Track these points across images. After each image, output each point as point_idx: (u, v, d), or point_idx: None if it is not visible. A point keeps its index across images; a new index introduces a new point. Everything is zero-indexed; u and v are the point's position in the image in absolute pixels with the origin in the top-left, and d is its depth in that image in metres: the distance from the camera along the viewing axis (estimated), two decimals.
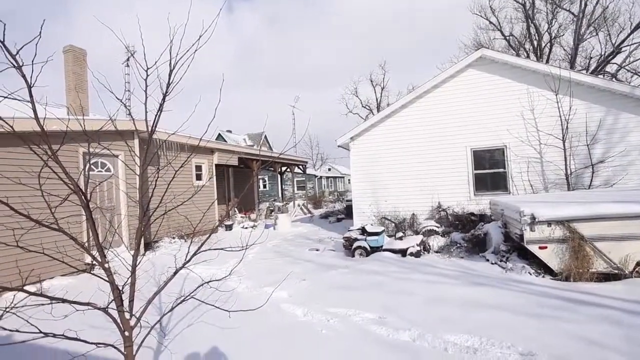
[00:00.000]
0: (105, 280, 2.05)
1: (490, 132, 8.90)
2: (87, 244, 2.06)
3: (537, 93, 8.60)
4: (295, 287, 5.38)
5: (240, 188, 17.05)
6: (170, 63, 2.24)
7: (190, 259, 2.25)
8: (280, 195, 23.12)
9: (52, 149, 1.88)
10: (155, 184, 2.28)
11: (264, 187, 31.89)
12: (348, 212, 14.71)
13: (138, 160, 2.52)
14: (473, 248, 7.06)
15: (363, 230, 7.79)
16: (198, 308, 4.06)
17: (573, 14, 19.93)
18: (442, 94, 9.45)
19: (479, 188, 9.08)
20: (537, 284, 5.01)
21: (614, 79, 18.00)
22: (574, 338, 3.32)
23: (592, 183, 8.09)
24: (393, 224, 9.05)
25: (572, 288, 4.74)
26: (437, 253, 7.37)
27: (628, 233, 4.90)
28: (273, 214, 15.10)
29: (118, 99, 2.43)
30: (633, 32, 17.77)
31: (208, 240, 2.45)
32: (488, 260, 6.30)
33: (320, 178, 39.71)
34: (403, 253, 7.16)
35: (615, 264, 4.98)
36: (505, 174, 8.88)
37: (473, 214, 8.46)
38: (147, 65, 2.24)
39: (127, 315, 2.10)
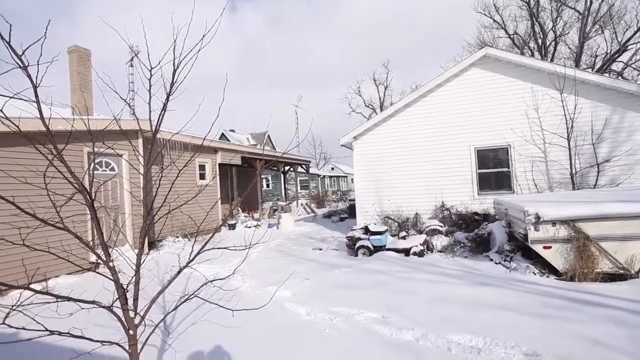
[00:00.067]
0: (110, 279, 2.07)
1: (494, 131, 8.85)
2: (91, 243, 2.08)
3: (541, 92, 8.54)
4: (299, 286, 5.39)
5: (244, 187, 17.09)
6: (174, 63, 2.25)
7: (194, 258, 2.26)
8: (284, 195, 23.15)
9: (57, 149, 1.89)
10: (159, 183, 2.29)
11: (267, 186, 31.95)
12: (351, 211, 14.69)
13: (142, 160, 2.53)
14: (477, 248, 7.03)
15: (366, 230, 7.78)
16: (202, 307, 4.09)
17: (578, 12, 19.75)
18: (445, 93, 9.41)
19: (483, 187, 9.04)
20: (541, 284, 4.98)
21: (620, 78, 17.83)
22: (579, 338, 3.30)
23: (597, 182, 8.03)
24: (396, 224, 9.03)
25: (576, 288, 4.70)
26: (440, 252, 7.35)
27: (634, 233, 4.85)
28: (276, 214, 15.12)
29: (122, 99, 2.45)
30: None
31: (211, 240, 2.45)
32: (492, 260, 6.27)
33: (324, 177, 39.71)
34: (406, 252, 7.14)
35: (621, 264, 4.93)
36: (510, 173, 8.83)
37: (477, 214, 8.42)
38: (151, 65, 2.25)
39: (131, 314, 2.11)
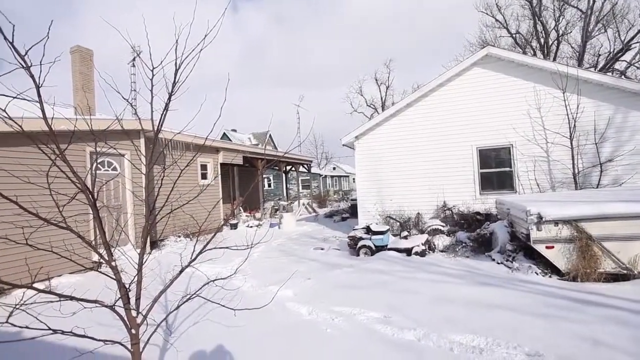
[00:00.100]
0: (112, 278, 2.07)
1: (496, 130, 8.82)
2: (94, 242, 2.08)
3: (544, 91, 8.50)
4: (300, 286, 5.39)
5: (245, 187, 17.12)
6: (176, 63, 2.25)
7: (196, 258, 2.27)
8: (285, 194, 23.17)
9: (60, 149, 1.90)
10: (161, 183, 2.30)
11: (269, 186, 31.98)
12: (353, 211, 14.69)
13: (144, 160, 2.54)
14: (479, 247, 7.02)
15: (368, 229, 7.77)
16: (203, 306, 4.10)
17: (581, 11, 19.67)
18: (447, 93, 9.39)
19: (485, 187, 9.02)
20: (543, 284, 4.97)
21: (623, 77, 17.75)
22: (581, 338, 3.29)
23: (600, 182, 7.99)
24: (398, 223, 9.02)
25: (579, 288, 4.68)
26: (442, 252, 7.34)
27: (637, 233, 4.83)
28: (278, 213, 15.14)
29: (124, 99, 2.45)
30: None
31: (213, 239, 2.46)
32: (494, 260, 6.26)
33: (325, 177, 39.71)
34: (408, 252, 7.13)
35: (624, 264, 4.91)
36: (512, 173, 8.80)
37: (479, 213, 8.40)
38: (152, 65, 2.26)
39: (133, 313, 2.12)
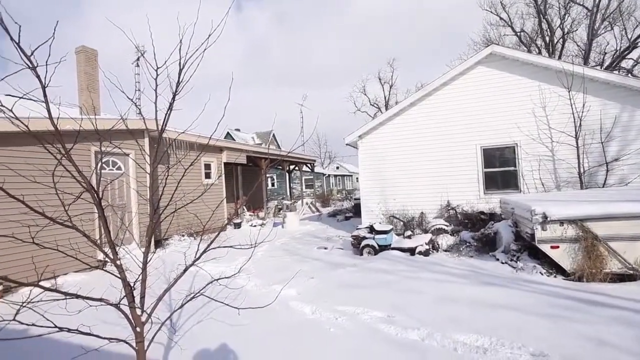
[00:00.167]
0: (117, 277, 2.09)
1: (501, 130, 8.77)
2: (99, 241, 2.10)
3: (549, 90, 8.44)
4: (304, 285, 5.40)
5: (249, 186, 17.16)
6: (180, 62, 2.26)
7: (200, 257, 2.28)
8: (289, 194, 23.20)
9: (65, 148, 1.92)
10: (166, 182, 2.31)
11: (273, 185, 32.03)
12: (356, 210, 14.68)
13: (148, 159, 2.55)
14: (483, 247, 6.99)
15: (371, 229, 7.76)
16: (207, 305, 4.11)
17: (587, 9, 19.47)
18: (451, 92, 9.34)
19: (489, 186, 8.97)
20: (548, 284, 4.94)
21: (630, 75, 17.55)
22: (586, 339, 3.26)
23: (606, 181, 7.92)
24: (402, 223, 9.00)
25: (584, 288, 4.65)
26: (446, 252, 7.31)
27: None
28: (281, 212, 15.16)
29: (129, 98, 2.47)
30: None
31: (217, 238, 2.47)
32: (498, 260, 6.22)
33: (329, 176, 39.70)
34: (412, 252, 7.12)
35: (630, 265, 4.86)
36: (516, 172, 8.75)
37: (483, 213, 8.36)
38: (157, 65, 2.27)
39: (138, 312, 2.13)
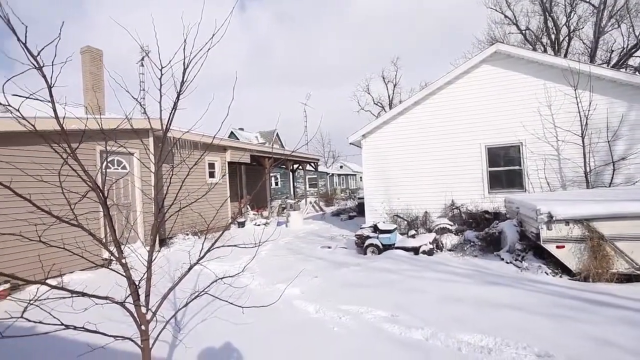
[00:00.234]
0: (122, 275, 2.10)
1: (506, 128, 8.71)
2: (104, 240, 2.11)
3: (554, 88, 8.37)
4: (308, 284, 5.41)
5: (253, 185, 17.20)
6: (184, 62, 2.27)
7: (204, 256, 2.29)
8: (292, 193, 23.22)
9: (71, 147, 1.93)
10: (170, 182, 2.32)
11: (276, 184, 32.08)
12: (360, 209, 14.65)
13: (153, 158, 2.57)
14: (487, 247, 6.95)
15: (375, 228, 7.75)
16: (212, 304, 4.13)
17: (593, 6, 19.25)
18: (455, 91, 9.29)
19: (494, 186, 8.92)
20: (553, 284, 4.90)
21: (637, 73, 17.35)
22: (592, 339, 3.24)
23: (613, 181, 7.84)
24: (405, 222, 8.97)
25: (590, 289, 4.61)
26: (450, 251, 7.28)
27: None
28: (285, 212, 15.18)
29: (134, 98, 2.48)
30: None
31: (221, 237, 2.48)
32: (503, 259, 6.19)
33: (332, 175, 39.68)
34: (415, 251, 7.10)
35: (638, 265, 4.81)
36: (521, 172, 8.68)
37: (487, 212, 8.32)
38: (161, 65, 2.28)
39: (143, 310, 2.15)
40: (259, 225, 12.55)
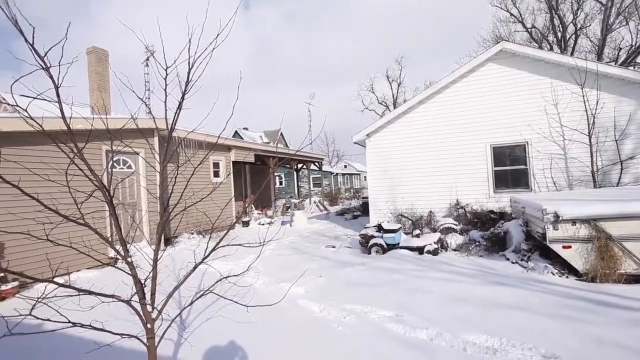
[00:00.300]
0: (128, 274, 2.12)
1: (511, 128, 8.64)
2: (110, 239, 2.13)
3: (561, 87, 8.28)
4: (312, 283, 5.41)
5: (257, 185, 17.24)
6: (189, 62, 2.27)
7: (209, 255, 2.30)
8: (297, 192, 23.24)
9: (78, 147, 1.95)
10: (175, 181, 2.33)
11: (280, 184, 32.13)
12: (364, 209, 14.63)
13: (158, 158, 2.58)
14: (492, 246, 6.91)
15: (379, 228, 7.73)
16: (216, 302, 4.14)
17: (601, 3, 19.01)
18: (460, 90, 9.23)
19: (499, 185, 8.85)
20: (560, 285, 4.85)
21: None
22: (599, 341, 3.20)
23: (620, 180, 7.75)
24: (410, 222, 8.95)
25: (597, 289, 4.56)
26: (455, 251, 7.25)
27: None
28: (289, 211, 15.20)
29: (139, 98, 2.49)
30: None
31: (226, 237, 2.48)
32: (508, 259, 6.15)
33: (336, 175, 39.65)
34: (420, 251, 7.07)
35: None
36: (527, 171, 8.61)
37: (493, 212, 8.26)
38: (166, 64, 2.29)
39: (149, 308, 2.16)
40: (263, 225, 12.58)
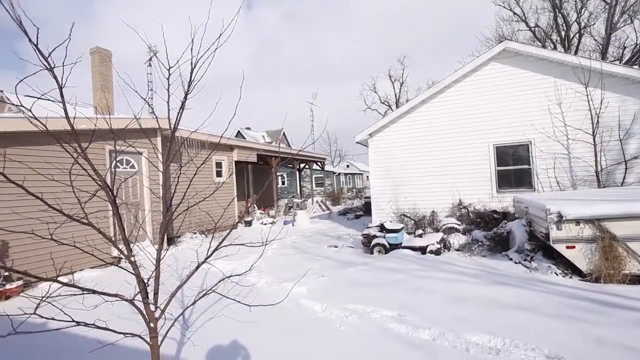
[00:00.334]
0: (131, 273, 2.13)
1: (514, 127, 8.61)
2: (114, 238, 2.14)
3: (565, 86, 8.24)
4: (314, 283, 5.41)
5: (260, 185, 17.27)
6: (192, 62, 2.28)
7: (212, 254, 2.30)
8: (299, 192, 23.25)
9: (81, 147, 1.96)
10: (178, 181, 2.34)
11: (283, 183, 32.16)
12: (366, 209, 14.62)
13: (161, 157, 2.59)
14: (495, 246, 6.88)
15: (382, 227, 7.72)
16: (219, 302, 4.16)
17: (605, 2, 18.88)
18: (463, 89, 9.20)
19: (502, 185, 8.82)
20: (563, 285, 4.83)
21: None
22: (603, 342, 3.18)
23: (625, 180, 7.70)
24: (412, 221, 8.93)
25: (601, 290, 4.53)
26: (457, 251, 7.22)
27: None
28: (292, 211, 15.21)
29: (142, 98, 2.50)
30: None
31: (228, 236, 2.49)
32: (511, 259, 6.12)
33: (339, 175, 39.63)
34: (423, 251, 7.06)
35: None
36: (530, 171, 8.57)
37: (495, 212, 8.23)
38: (169, 64, 2.29)
39: (152, 307, 2.17)
40: (266, 224, 12.60)
